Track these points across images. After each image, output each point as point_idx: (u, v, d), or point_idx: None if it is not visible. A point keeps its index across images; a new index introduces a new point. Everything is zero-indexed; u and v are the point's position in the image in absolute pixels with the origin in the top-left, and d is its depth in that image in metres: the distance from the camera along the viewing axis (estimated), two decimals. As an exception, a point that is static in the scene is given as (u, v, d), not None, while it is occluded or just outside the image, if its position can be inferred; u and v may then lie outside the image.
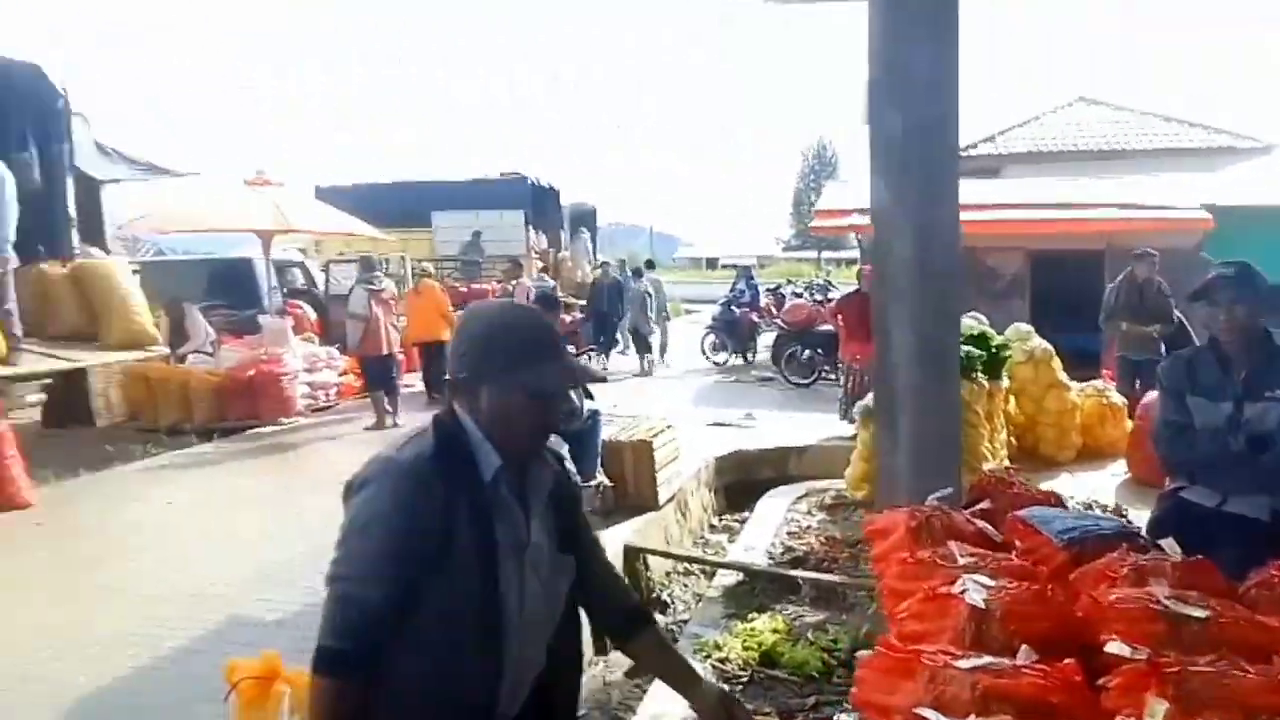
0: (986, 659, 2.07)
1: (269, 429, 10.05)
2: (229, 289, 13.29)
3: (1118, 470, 7.39)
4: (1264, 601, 2.54)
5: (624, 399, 11.13)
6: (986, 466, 5.69)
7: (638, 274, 16.47)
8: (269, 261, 12.19)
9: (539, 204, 20.37)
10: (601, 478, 6.30)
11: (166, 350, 10.38)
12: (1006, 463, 6.24)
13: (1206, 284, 3.30)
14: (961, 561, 2.66)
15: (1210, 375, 3.23)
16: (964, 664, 2.05)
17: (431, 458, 1.70)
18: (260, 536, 6.35)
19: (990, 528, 3.13)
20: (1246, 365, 3.16)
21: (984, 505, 3.30)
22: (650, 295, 15.51)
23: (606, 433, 6.62)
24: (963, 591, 2.40)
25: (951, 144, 3.80)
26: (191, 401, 10.25)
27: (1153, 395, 6.99)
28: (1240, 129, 19.08)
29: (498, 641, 1.68)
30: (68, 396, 10.18)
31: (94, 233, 10.21)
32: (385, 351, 10.26)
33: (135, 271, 10.19)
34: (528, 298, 12.50)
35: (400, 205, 18.30)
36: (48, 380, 9.35)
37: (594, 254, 22.74)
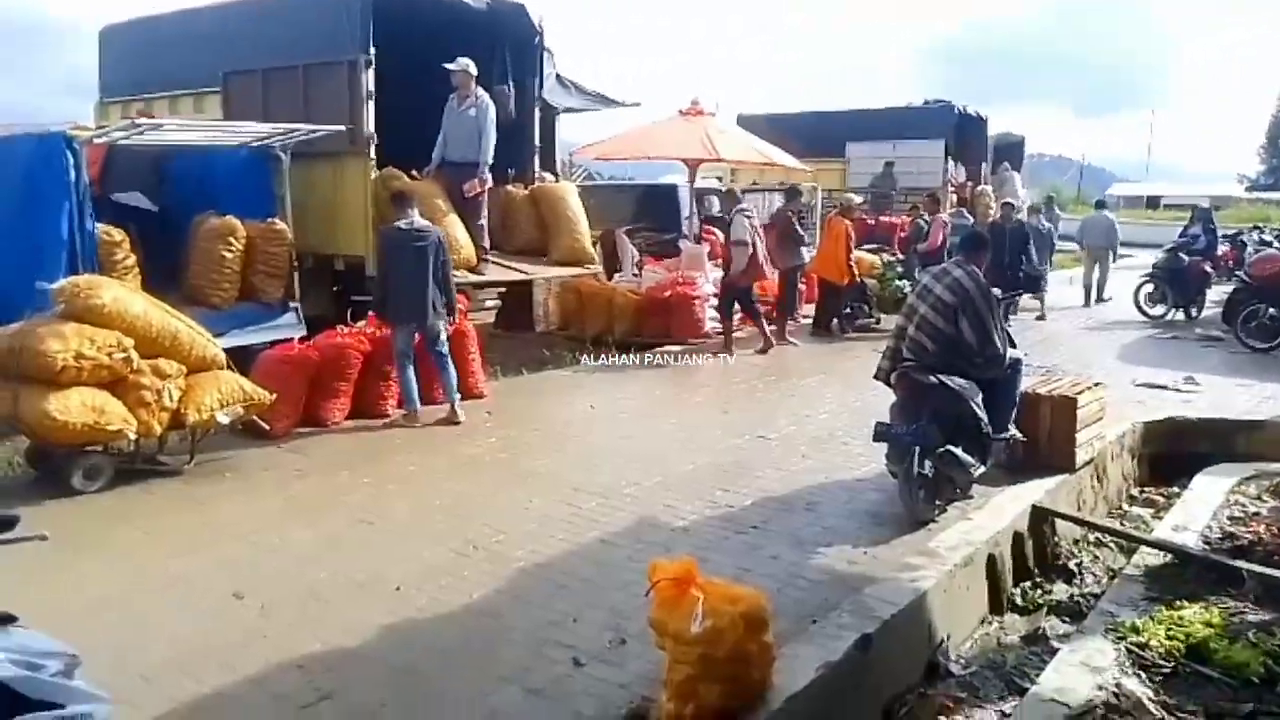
0: None
1: (678, 347, 10.69)
2: (654, 213, 14.24)
3: None
4: None
5: (1039, 349, 10.33)
6: None
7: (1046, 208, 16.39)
8: (692, 189, 12.80)
9: (962, 134, 19.21)
10: (1014, 431, 5.89)
11: (600, 268, 11.39)
12: None
13: None
14: None
15: None
16: None
17: None
18: (667, 445, 6.82)
19: None
20: None
21: None
22: (1043, 233, 14.56)
23: (1025, 384, 6.14)
24: None
25: None
26: (614, 316, 11.21)
27: None
28: None
29: None
30: (516, 303, 11.62)
31: (548, 158, 11.37)
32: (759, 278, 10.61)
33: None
34: (944, 234, 11.99)
35: (816, 134, 18.22)
36: (503, 288, 10.71)
37: (1019, 188, 21.09)
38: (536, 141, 10.79)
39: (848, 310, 11.99)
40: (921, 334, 5.55)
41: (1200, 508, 6.11)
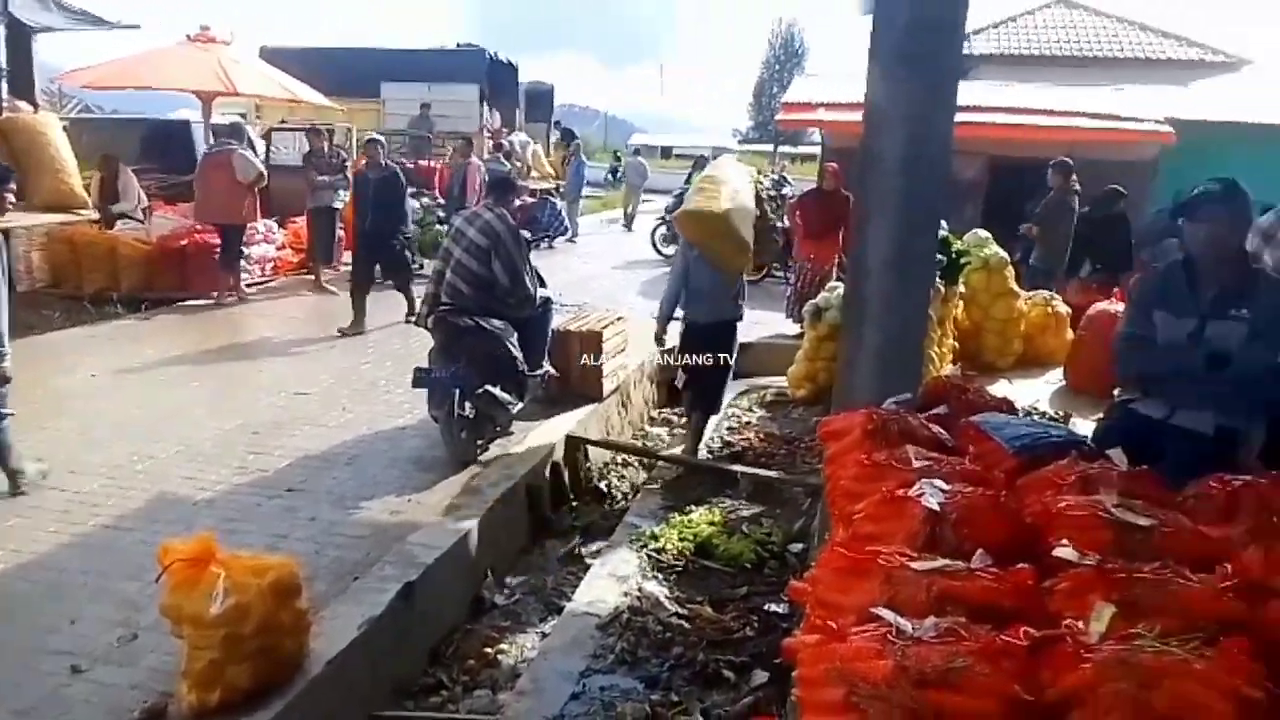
0: (942, 562, 2.05)
1: (201, 302, 9.68)
2: (163, 153, 12.62)
3: (1054, 378, 7.49)
4: (1200, 512, 2.56)
5: (571, 288, 10.97)
6: (935, 371, 5.69)
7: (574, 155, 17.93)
8: (208, 125, 11.55)
9: (495, 80, 19.54)
10: (548, 367, 6.19)
11: (95, 214, 9.85)
12: (951, 368, 6.26)
13: (1191, 200, 3.22)
14: (917, 465, 2.64)
15: (1179, 292, 3.18)
16: (920, 566, 2.03)
17: None
18: (189, 411, 6.14)
19: (944, 432, 3.12)
20: (1216, 284, 3.11)
21: (939, 410, 3.28)
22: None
23: (556, 321, 6.48)
24: (920, 495, 2.38)
25: (957, 42, 3.62)
26: (119, 269, 9.80)
27: (1098, 307, 7.07)
28: (1211, 42, 19.04)
29: None
30: (-12, 258, 9.69)
31: (23, 85, 9.53)
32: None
33: (64, 129, 9.57)
34: (480, 181, 12.15)
35: (349, 72, 17.38)
36: (-35, 239, 8.84)
37: (549, 136, 22.11)
38: (2, 63, 8.99)
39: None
40: (457, 277, 5.56)
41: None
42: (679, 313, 6.17)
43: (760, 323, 10.02)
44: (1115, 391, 3.58)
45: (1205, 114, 12.99)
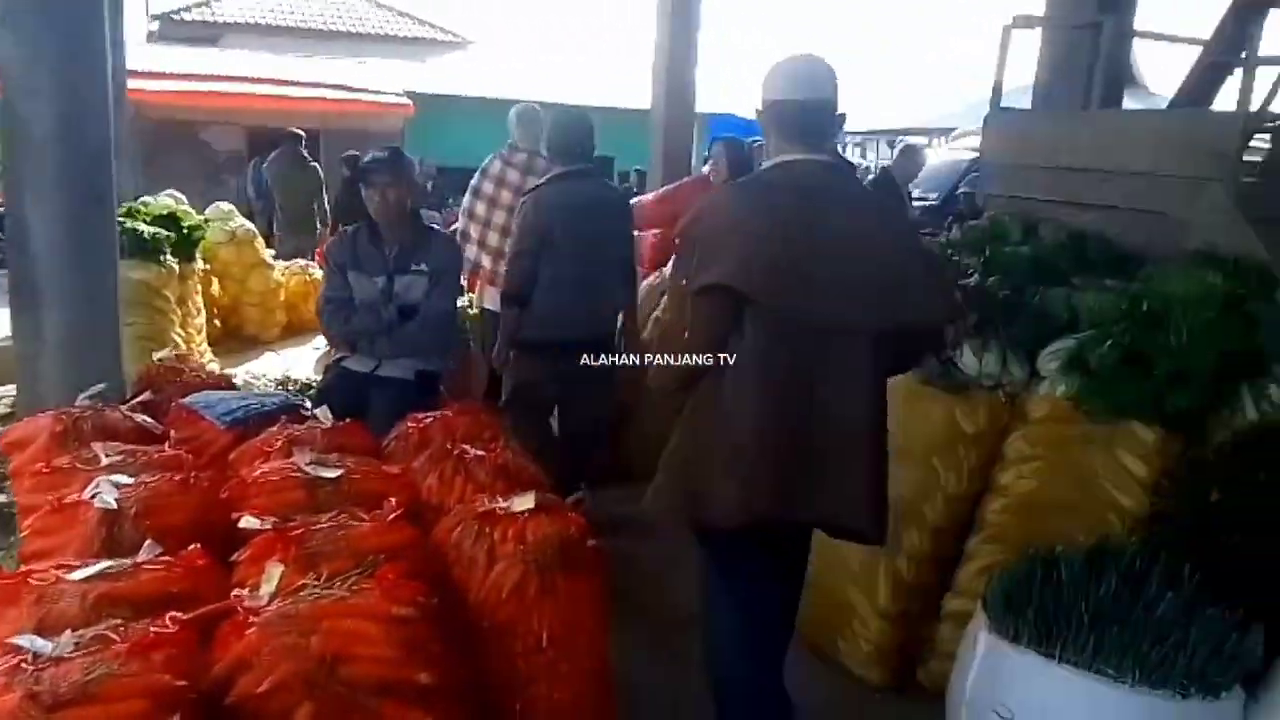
0: (104, 564, 1.91)
1: None
2: None
3: (320, 344, 7.66)
4: (400, 451, 2.83)
5: None
6: (171, 354, 5.38)
7: None
8: None
9: None
10: None
11: None
12: (206, 347, 6.00)
13: (363, 167, 3.48)
14: (106, 462, 2.45)
15: (368, 252, 3.43)
16: (77, 575, 1.86)
17: None
18: None
19: (151, 420, 2.95)
20: (397, 242, 3.41)
21: (146, 397, 3.09)
22: None
23: None
24: (94, 495, 2.20)
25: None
26: None
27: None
28: (440, 22, 21.15)
29: None
30: None
31: None
32: None
33: None
34: None
35: None
36: None
37: None
38: None
39: None
40: None
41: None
42: None
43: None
44: (332, 351, 3.77)
45: (438, 88, 14.45)
